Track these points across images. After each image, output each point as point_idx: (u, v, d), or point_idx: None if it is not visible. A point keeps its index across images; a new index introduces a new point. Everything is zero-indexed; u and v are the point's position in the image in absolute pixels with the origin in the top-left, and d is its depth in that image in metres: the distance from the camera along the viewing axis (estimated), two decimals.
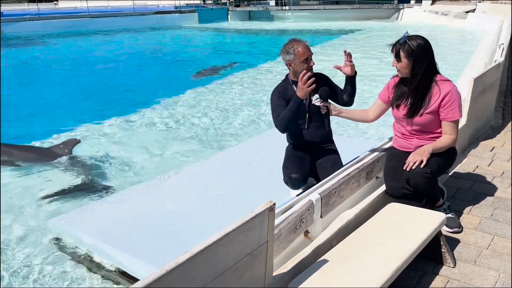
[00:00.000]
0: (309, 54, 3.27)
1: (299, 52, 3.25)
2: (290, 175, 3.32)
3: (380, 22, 23.84)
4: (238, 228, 1.70)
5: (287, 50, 3.30)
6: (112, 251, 3.17)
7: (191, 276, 1.55)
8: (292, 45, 3.28)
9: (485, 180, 3.74)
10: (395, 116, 3.07)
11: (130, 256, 3.07)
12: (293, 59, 3.28)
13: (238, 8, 31.97)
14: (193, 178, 4.29)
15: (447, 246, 2.62)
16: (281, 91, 3.38)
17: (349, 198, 2.93)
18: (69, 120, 7.33)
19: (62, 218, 3.73)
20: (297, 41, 3.31)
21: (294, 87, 3.33)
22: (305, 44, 3.29)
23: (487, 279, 2.49)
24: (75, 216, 3.71)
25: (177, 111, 7.75)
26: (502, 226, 3.01)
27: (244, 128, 6.67)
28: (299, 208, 2.45)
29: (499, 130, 5.03)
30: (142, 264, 2.96)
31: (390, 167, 3.07)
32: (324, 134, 3.46)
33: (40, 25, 23.25)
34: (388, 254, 2.26)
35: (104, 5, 33.86)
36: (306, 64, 3.27)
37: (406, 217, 2.63)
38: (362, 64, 11.52)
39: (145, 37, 21.71)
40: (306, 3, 31.29)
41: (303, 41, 3.32)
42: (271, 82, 9.22)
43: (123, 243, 3.23)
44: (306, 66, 3.28)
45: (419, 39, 2.83)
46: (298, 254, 2.39)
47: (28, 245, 3.50)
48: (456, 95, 2.84)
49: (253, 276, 1.92)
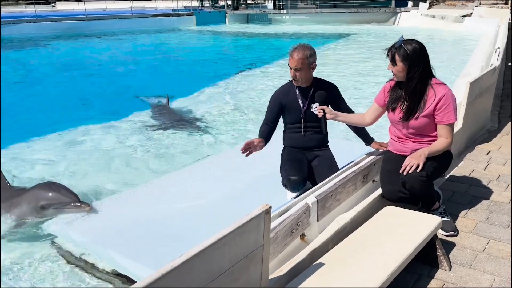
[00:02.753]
0: (293, 65, 3.27)
1: (289, 57, 3.31)
2: (290, 177, 3.31)
3: (377, 26, 23.91)
4: (234, 231, 1.70)
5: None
6: (108, 253, 3.17)
7: (187, 279, 1.55)
8: (291, 48, 3.31)
9: (481, 183, 3.76)
10: (391, 119, 3.08)
11: (127, 259, 3.07)
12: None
13: (236, 11, 32.01)
14: (188, 181, 4.29)
15: (442, 249, 2.63)
16: (283, 93, 3.43)
17: (346, 201, 2.94)
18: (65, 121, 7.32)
19: (59, 220, 3.73)
20: (296, 47, 3.30)
21: (297, 90, 3.39)
22: (294, 55, 3.25)
23: (483, 282, 2.50)
24: (72, 218, 3.70)
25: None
26: (498, 229, 3.02)
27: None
28: (295, 211, 2.46)
29: (495, 134, 5.05)
30: (139, 266, 2.96)
31: (386, 170, 3.08)
32: (320, 139, 3.47)
33: (38, 27, 23.21)
34: (384, 257, 2.26)
35: (101, 7, 33.88)
36: (291, 72, 3.34)
37: (402, 220, 2.63)
38: (359, 67, 11.57)
39: (143, 39, 21.70)
40: (303, 6, 31.34)
41: (299, 51, 3.27)
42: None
43: (120, 245, 3.23)
44: (291, 74, 3.34)
45: (414, 43, 2.84)
46: (294, 257, 2.39)
47: (25, 246, 3.49)
48: (451, 98, 2.86)
49: (249, 279, 1.92)
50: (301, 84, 3.36)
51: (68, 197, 3.81)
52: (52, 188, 3.95)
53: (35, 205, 3.85)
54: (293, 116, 3.42)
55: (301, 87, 3.38)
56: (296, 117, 3.41)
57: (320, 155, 3.47)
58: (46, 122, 7.57)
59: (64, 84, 11.24)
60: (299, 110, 3.38)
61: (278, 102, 3.41)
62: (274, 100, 3.44)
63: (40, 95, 10.04)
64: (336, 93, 3.47)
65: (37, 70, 13.64)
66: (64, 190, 3.93)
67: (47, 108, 8.57)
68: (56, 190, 3.90)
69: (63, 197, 3.82)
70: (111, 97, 9.70)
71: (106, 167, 5.38)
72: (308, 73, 3.31)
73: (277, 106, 3.41)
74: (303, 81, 3.34)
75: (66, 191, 3.92)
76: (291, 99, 3.38)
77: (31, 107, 8.77)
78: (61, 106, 8.76)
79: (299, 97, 3.37)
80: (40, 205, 3.82)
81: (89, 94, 9.89)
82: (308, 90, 3.37)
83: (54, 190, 3.89)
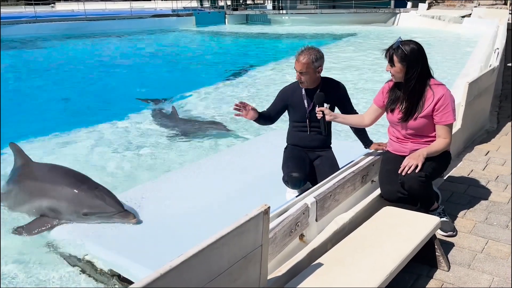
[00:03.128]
0: (298, 68, 3.31)
1: (295, 61, 3.34)
2: (291, 174, 3.34)
3: (376, 27, 23.93)
4: (232, 231, 1.71)
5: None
6: (106, 254, 3.16)
7: (186, 279, 1.55)
8: (298, 52, 3.33)
9: (480, 184, 3.76)
10: (389, 120, 3.08)
11: (125, 259, 3.07)
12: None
13: (236, 11, 32.03)
14: (188, 181, 4.28)
15: (441, 249, 2.63)
16: (289, 93, 3.48)
17: (345, 201, 2.95)
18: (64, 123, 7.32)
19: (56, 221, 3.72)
20: (302, 51, 3.32)
21: (303, 90, 3.43)
22: (300, 59, 3.28)
23: (481, 282, 2.50)
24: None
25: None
26: (496, 230, 3.03)
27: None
28: (294, 211, 2.46)
29: (494, 134, 5.06)
30: (137, 266, 2.96)
31: (385, 170, 3.08)
32: (323, 139, 3.50)
33: (37, 27, 23.21)
34: (383, 257, 2.27)
35: (101, 8, 33.88)
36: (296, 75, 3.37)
37: (401, 220, 2.64)
38: (357, 68, 11.58)
39: (142, 40, 21.71)
40: (303, 7, 31.35)
41: (305, 54, 3.29)
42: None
43: (118, 245, 3.22)
44: (296, 77, 3.38)
45: (412, 43, 2.85)
46: (293, 258, 2.39)
47: (23, 247, 3.49)
48: (449, 98, 2.86)
49: (248, 280, 1.92)
50: (306, 86, 3.39)
51: (114, 207, 3.47)
52: (97, 195, 3.54)
53: (77, 210, 3.49)
54: (298, 115, 3.47)
55: (307, 88, 3.40)
56: (301, 117, 3.45)
57: (323, 155, 3.51)
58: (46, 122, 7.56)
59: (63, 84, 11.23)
60: (304, 110, 3.43)
61: (283, 99, 3.49)
62: (280, 96, 3.53)
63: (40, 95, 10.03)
64: (341, 92, 3.49)
65: (36, 70, 13.62)
66: (109, 197, 3.55)
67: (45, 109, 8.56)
68: (101, 198, 3.51)
69: (108, 207, 3.47)
70: (108, 97, 9.68)
71: (103, 168, 5.38)
72: (313, 76, 3.33)
73: (281, 103, 3.50)
74: (309, 84, 3.37)
75: (111, 199, 3.55)
76: (297, 98, 3.44)
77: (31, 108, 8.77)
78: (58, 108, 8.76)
79: (305, 97, 3.42)
80: (83, 212, 3.47)
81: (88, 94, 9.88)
82: (314, 91, 3.39)
83: (99, 198, 3.51)
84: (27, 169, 4.07)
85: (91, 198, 3.52)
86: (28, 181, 3.94)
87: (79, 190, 3.58)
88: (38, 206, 3.69)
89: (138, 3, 35.47)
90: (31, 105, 9.06)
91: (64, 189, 3.62)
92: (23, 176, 4.03)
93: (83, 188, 3.60)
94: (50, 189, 3.68)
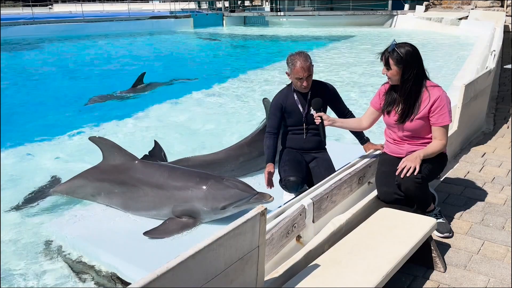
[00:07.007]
0: (303, 74, 3.26)
1: (295, 69, 3.28)
2: (289, 178, 3.33)
3: (374, 29, 23.98)
4: (229, 233, 1.71)
5: (288, 61, 3.33)
6: (103, 255, 3.16)
7: (182, 280, 1.55)
8: (293, 59, 3.29)
9: (476, 185, 3.78)
10: (386, 122, 3.10)
11: (122, 260, 3.07)
12: (290, 72, 3.33)
13: (233, 13, 32.06)
14: None
15: (437, 251, 2.64)
16: (282, 99, 3.44)
17: (341, 203, 2.95)
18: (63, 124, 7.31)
19: (54, 222, 3.72)
20: (299, 57, 3.28)
21: (295, 95, 3.41)
22: (303, 64, 3.24)
23: (477, 283, 2.51)
24: (68, 219, 3.70)
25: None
26: (493, 231, 3.04)
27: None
28: (291, 213, 2.47)
29: (490, 136, 5.08)
30: (134, 268, 2.96)
31: (382, 172, 3.09)
32: (318, 141, 3.50)
33: (35, 29, 23.20)
34: (379, 258, 2.27)
35: (99, 9, 33.89)
36: (299, 82, 3.31)
37: (397, 222, 2.65)
38: (354, 70, 11.60)
39: (140, 41, 21.70)
40: (300, 9, 31.39)
41: (304, 59, 3.27)
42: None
43: (115, 246, 3.22)
44: (299, 84, 3.33)
45: (407, 46, 2.86)
46: (289, 259, 2.39)
47: (21, 247, 3.49)
48: (445, 100, 2.88)
49: (245, 281, 1.92)
50: (308, 90, 3.38)
51: (249, 192, 3.36)
52: (228, 185, 3.41)
53: (214, 206, 3.37)
54: (294, 120, 3.45)
55: (299, 92, 3.40)
56: (297, 121, 3.45)
57: (318, 157, 3.51)
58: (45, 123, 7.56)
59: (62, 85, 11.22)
60: (300, 114, 3.42)
61: (279, 106, 3.43)
62: (275, 105, 3.46)
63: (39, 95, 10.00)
64: (331, 93, 3.49)
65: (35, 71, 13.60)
66: (240, 184, 3.45)
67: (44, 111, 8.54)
68: (233, 186, 3.39)
69: (244, 193, 3.35)
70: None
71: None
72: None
73: (279, 110, 3.43)
74: (310, 86, 3.36)
75: (242, 184, 3.45)
76: (290, 103, 3.42)
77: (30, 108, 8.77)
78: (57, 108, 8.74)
79: (298, 102, 3.41)
80: (221, 207, 3.36)
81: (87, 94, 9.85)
82: (305, 94, 3.40)
83: (231, 187, 3.39)
84: (139, 169, 3.71)
85: (224, 190, 3.38)
86: (150, 184, 3.61)
87: (209, 187, 3.41)
88: (170, 211, 3.51)
89: (136, 5, 35.50)
90: (31, 105, 9.04)
91: (194, 190, 3.45)
92: (136, 177, 3.67)
93: (211, 183, 3.44)
94: (180, 193, 3.49)
